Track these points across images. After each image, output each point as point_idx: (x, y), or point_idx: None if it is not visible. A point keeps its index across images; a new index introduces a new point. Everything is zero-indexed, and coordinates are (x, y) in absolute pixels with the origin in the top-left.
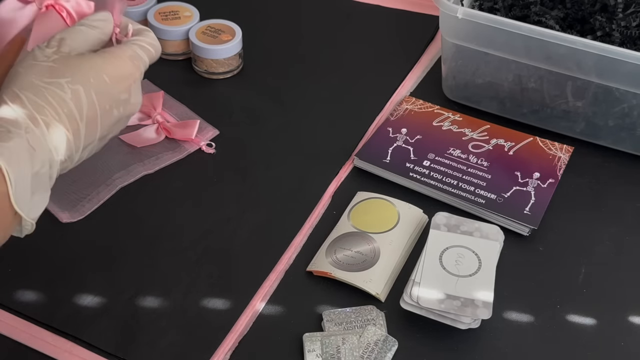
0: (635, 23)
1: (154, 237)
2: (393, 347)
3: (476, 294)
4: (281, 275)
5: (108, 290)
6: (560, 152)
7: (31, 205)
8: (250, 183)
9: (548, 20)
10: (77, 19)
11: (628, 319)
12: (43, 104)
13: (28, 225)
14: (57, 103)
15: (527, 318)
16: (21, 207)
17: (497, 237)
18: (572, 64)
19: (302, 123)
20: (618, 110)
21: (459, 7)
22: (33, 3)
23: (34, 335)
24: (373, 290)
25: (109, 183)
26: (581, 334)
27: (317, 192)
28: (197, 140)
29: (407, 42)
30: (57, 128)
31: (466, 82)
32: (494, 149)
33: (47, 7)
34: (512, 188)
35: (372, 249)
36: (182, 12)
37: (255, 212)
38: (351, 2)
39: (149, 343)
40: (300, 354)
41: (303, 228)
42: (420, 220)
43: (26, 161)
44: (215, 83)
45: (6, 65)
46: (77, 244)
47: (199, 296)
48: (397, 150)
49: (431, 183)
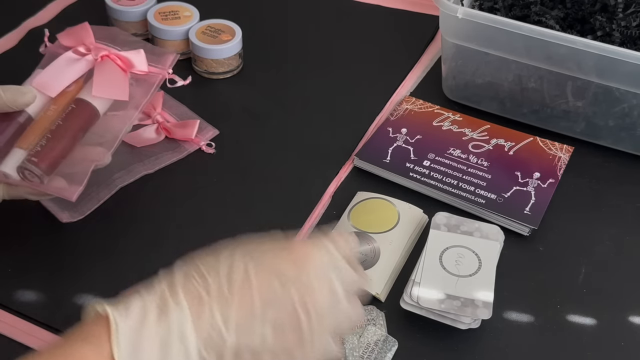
0: (635, 23)
1: (154, 237)
2: (393, 347)
3: (476, 294)
4: None
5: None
6: (561, 152)
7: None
8: (250, 183)
9: (548, 20)
10: (130, 65)
11: (628, 319)
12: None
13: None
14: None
15: (527, 318)
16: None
17: (497, 237)
18: (572, 64)
19: (302, 123)
20: (618, 110)
21: (459, 7)
22: (89, 55)
23: (34, 335)
24: (373, 290)
25: (108, 183)
26: (581, 334)
27: (317, 192)
28: (197, 140)
29: (407, 42)
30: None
31: (466, 82)
32: (494, 149)
33: (102, 57)
34: (512, 188)
35: (372, 249)
36: (182, 12)
37: (255, 212)
38: (351, 2)
39: None
40: None
41: (303, 228)
42: (420, 220)
43: (147, 327)
44: (215, 83)
45: (75, 129)
46: (77, 244)
47: None
48: (397, 150)
49: (431, 183)
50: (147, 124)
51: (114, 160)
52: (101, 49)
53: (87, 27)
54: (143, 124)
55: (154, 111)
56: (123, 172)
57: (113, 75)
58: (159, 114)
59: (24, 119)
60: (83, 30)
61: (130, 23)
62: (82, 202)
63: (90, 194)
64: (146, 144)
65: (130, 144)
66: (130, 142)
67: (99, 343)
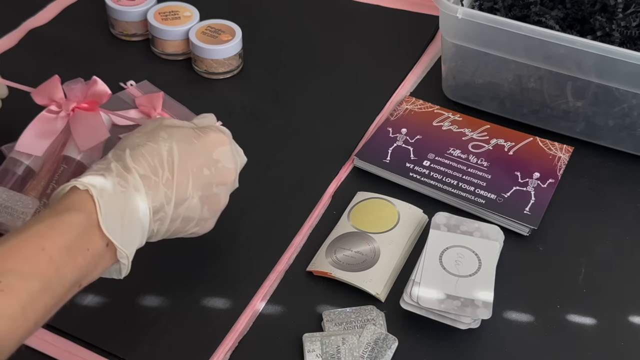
0: (635, 23)
1: None
2: (393, 345)
3: (476, 294)
4: (281, 275)
5: (108, 290)
6: (560, 152)
7: (123, 238)
8: (250, 183)
9: (548, 20)
10: (100, 101)
11: (628, 319)
12: (138, 155)
13: (124, 258)
14: (150, 154)
15: (527, 318)
16: (113, 235)
17: (497, 237)
18: (572, 64)
19: (302, 123)
20: (618, 110)
21: (459, 7)
22: (61, 111)
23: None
24: (373, 290)
25: None
26: (581, 333)
27: (317, 192)
28: None
29: (407, 42)
30: (149, 177)
31: (466, 82)
32: (494, 149)
33: (73, 109)
34: (512, 188)
35: (372, 249)
36: (182, 12)
37: (255, 212)
38: (351, 2)
39: (149, 343)
40: (300, 354)
41: (303, 228)
42: (420, 220)
43: (116, 198)
44: (215, 83)
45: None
46: None
47: (199, 296)
48: (397, 150)
49: (431, 183)
50: None
51: None
52: (70, 102)
53: (56, 81)
54: None
55: (153, 111)
56: None
57: (87, 122)
58: (159, 114)
59: (23, 172)
60: (52, 86)
61: (130, 23)
62: None
63: None
64: None
65: None
66: None
67: (88, 211)
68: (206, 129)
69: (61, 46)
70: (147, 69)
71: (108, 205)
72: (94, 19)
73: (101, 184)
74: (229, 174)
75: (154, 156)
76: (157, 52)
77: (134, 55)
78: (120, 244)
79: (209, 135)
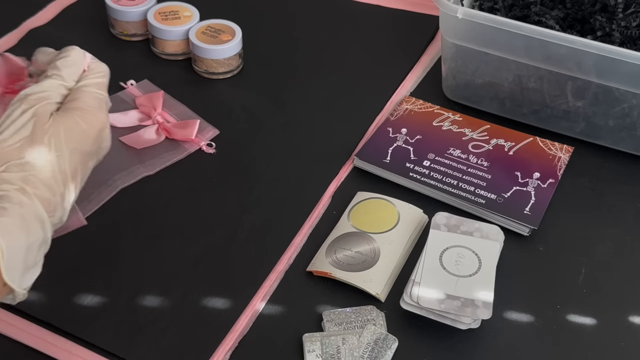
0: (635, 23)
1: (154, 237)
2: (393, 345)
3: (476, 294)
4: (281, 275)
5: (108, 290)
6: (560, 152)
7: (23, 277)
8: (250, 183)
9: (548, 20)
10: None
11: (628, 319)
12: (27, 175)
13: (20, 295)
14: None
15: (527, 318)
16: (12, 279)
17: (497, 237)
18: (572, 64)
19: (302, 123)
20: (618, 110)
21: (459, 7)
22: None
23: (34, 334)
24: (373, 290)
25: (109, 184)
26: (581, 334)
27: (317, 192)
28: (197, 140)
29: (407, 42)
30: (45, 197)
31: (466, 82)
32: (494, 149)
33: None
34: (512, 188)
35: (372, 249)
36: (182, 12)
37: (255, 212)
38: (351, 2)
39: (148, 343)
40: (300, 354)
41: (303, 228)
42: (420, 220)
43: (20, 234)
44: (215, 83)
45: None
46: (77, 244)
47: (199, 296)
48: (397, 150)
49: (431, 183)
50: (148, 125)
51: (115, 161)
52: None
53: None
54: (143, 124)
55: (154, 111)
56: (124, 174)
57: None
58: (159, 114)
59: None
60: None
61: (130, 23)
62: (83, 203)
63: (91, 195)
64: (146, 146)
65: (131, 145)
66: (131, 144)
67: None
68: (87, 110)
69: (61, 46)
70: (147, 69)
71: (12, 249)
72: (94, 19)
73: (4, 224)
74: (107, 150)
75: (45, 173)
76: (157, 52)
77: (134, 55)
78: (19, 286)
79: (93, 126)
